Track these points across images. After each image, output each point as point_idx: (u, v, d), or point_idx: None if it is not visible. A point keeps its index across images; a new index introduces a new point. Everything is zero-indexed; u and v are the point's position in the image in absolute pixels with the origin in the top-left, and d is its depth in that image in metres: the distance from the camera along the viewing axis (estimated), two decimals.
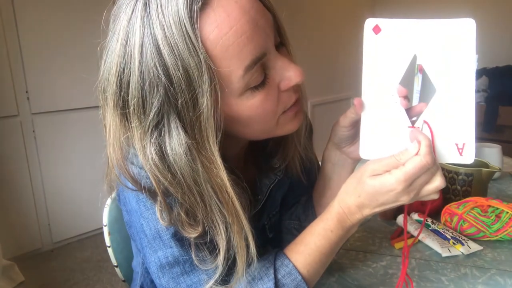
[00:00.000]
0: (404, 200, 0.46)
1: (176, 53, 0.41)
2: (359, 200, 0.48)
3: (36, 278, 2.11)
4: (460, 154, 0.48)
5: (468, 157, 0.48)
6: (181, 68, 0.41)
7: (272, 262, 0.52)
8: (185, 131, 0.44)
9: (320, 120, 3.55)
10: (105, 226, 0.85)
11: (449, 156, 0.48)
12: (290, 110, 0.52)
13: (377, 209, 0.48)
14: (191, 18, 0.41)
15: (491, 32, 3.45)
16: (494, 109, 3.03)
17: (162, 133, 0.45)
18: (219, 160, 0.46)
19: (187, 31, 0.41)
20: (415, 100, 0.48)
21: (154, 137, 0.45)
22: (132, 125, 0.46)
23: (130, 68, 0.43)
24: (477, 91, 2.86)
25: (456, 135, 0.47)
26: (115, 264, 0.86)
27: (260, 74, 0.46)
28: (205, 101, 0.43)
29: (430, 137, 0.47)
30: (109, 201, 0.86)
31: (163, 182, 0.46)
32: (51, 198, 2.40)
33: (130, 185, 0.50)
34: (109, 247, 0.85)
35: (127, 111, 0.45)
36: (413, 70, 0.48)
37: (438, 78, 0.47)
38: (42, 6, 2.23)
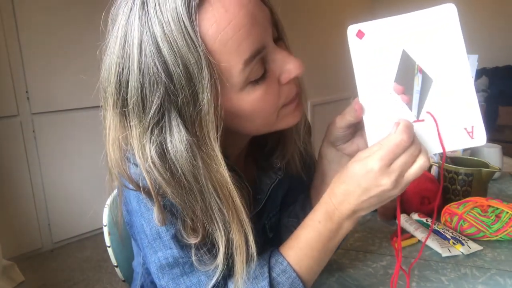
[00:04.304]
0: (386, 183, 0.45)
1: (176, 50, 0.41)
2: (344, 186, 0.48)
3: (36, 278, 2.11)
4: (471, 137, 0.47)
5: (480, 139, 0.47)
6: (180, 65, 0.42)
7: (267, 260, 0.52)
8: (186, 128, 0.44)
9: (320, 120, 3.55)
10: (105, 226, 0.85)
11: (461, 142, 0.47)
12: (291, 103, 0.52)
13: (363, 197, 0.47)
14: (189, 14, 0.41)
15: (491, 32, 3.45)
16: (494, 109, 3.03)
17: (163, 130, 0.45)
18: (219, 156, 0.46)
19: (185, 27, 0.41)
20: (415, 96, 0.48)
21: (154, 135, 0.44)
22: (131, 124, 0.45)
23: (129, 67, 0.43)
24: (477, 91, 2.86)
25: (463, 120, 0.47)
26: (115, 264, 0.86)
27: (260, 68, 0.47)
28: (205, 97, 0.43)
29: (436, 128, 0.47)
30: (109, 201, 0.86)
31: (160, 181, 0.45)
32: (51, 198, 2.40)
33: (130, 185, 0.50)
34: (109, 247, 0.85)
35: (126, 109, 0.45)
36: (406, 66, 0.47)
37: (432, 68, 0.47)
38: (42, 6, 2.23)
